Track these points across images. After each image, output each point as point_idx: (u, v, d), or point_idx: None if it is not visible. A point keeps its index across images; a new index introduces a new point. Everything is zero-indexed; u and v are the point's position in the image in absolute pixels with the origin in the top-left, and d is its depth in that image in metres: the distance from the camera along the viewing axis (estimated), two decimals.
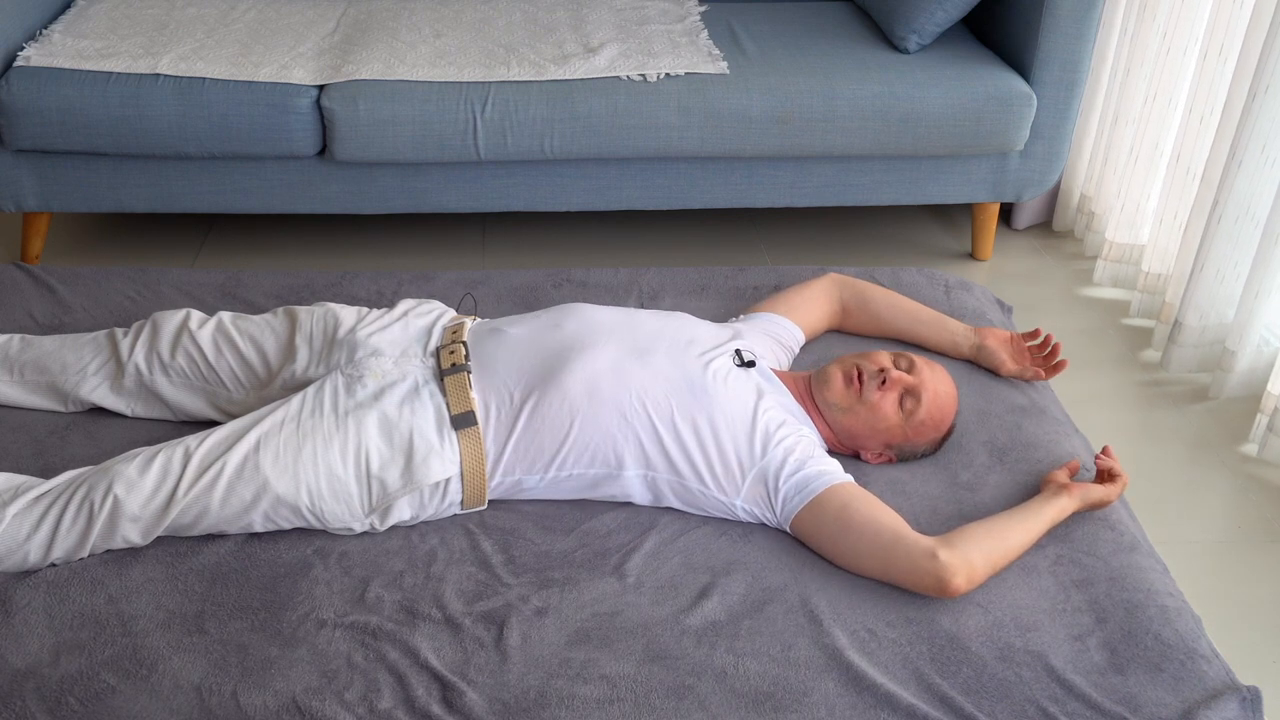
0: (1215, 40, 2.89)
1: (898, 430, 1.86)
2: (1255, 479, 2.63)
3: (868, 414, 1.84)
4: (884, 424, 1.85)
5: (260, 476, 1.67)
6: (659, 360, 1.80)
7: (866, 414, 1.84)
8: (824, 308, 2.16)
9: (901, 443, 1.88)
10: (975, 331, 2.13)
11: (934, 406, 1.85)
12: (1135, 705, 1.51)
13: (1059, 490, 1.78)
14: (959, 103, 3.05)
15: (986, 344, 2.10)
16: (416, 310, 1.95)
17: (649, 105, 2.98)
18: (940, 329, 2.13)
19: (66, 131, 2.90)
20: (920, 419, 1.85)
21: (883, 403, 1.83)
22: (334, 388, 1.77)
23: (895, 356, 1.89)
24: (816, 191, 3.21)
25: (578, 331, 1.84)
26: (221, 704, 1.46)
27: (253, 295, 2.27)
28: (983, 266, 3.42)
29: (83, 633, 1.54)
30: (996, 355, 2.09)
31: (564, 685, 1.50)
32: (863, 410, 1.84)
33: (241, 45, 3.07)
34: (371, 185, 3.08)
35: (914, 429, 1.86)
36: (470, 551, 1.71)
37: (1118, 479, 1.82)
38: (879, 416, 1.84)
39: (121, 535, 1.65)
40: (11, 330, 2.11)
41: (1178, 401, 2.89)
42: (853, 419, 1.85)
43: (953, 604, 1.64)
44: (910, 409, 1.84)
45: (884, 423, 1.84)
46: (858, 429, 1.86)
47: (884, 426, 1.85)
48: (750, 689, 1.50)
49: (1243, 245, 2.81)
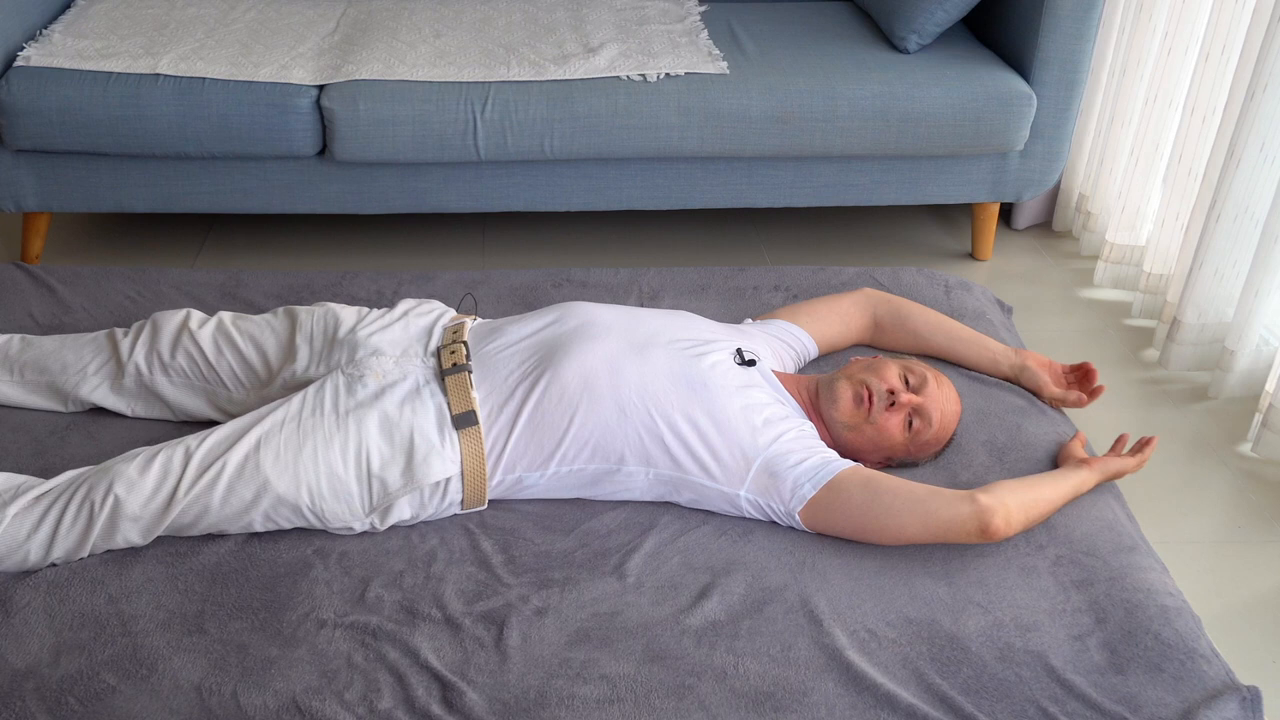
0: (1214, 40, 2.89)
1: (901, 448, 1.86)
2: (1255, 478, 2.63)
3: (873, 433, 1.84)
4: (888, 442, 1.85)
5: (261, 476, 1.67)
6: (658, 356, 1.80)
7: (872, 433, 1.84)
8: (853, 322, 2.13)
9: (902, 457, 1.88)
10: (1016, 353, 2.11)
11: (939, 425, 1.86)
12: (1135, 705, 1.51)
13: (1079, 464, 1.83)
14: (959, 103, 3.05)
15: (1029, 365, 2.09)
16: (417, 310, 1.95)
17: (649, 105, 2.98)
18: (980, 348, 2.12)
19: (66, 131, 2.90)
20: (925, 439, 1.85)
21: (889, 424, 1.83)
22: (334, 387, 1.77)
23: (904, 370, 1.87)
24: (816, 191, 3.21)
25: (578, 329, 1.84)
26: (221, 704, 1.46)
27: (253, 295, 2.27)
28: (983, 266, 3.42)
29: (83, 633, 1.54)
30: (1039, 377, 2.08)
31: (564, 685, 1.50)
32: (869, 429, 1.84)
33: (241, 45, 3.07)
34: (371, 185, 3.08)
35: (918, 446, 1.86)
36: (470, 551, 1.71)
37: (1146, 446, 1.89)
38: (885, 436, 1.84)
39: (122, 535, 1.65)
40: (11, 330, 2.11)
41: (1177, 401, 2.89)
42: (857, 436, 1.85)
43: (952, 604, 1.64)
44: (918, 429, 1.84)
45: (889, 441, 1.84)
46: (861, 444, 1.86)
47: (888, 444, 1.85)
48: (750, 689, 1.51)
49: (1242, 244, 2.81)
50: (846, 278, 2.42)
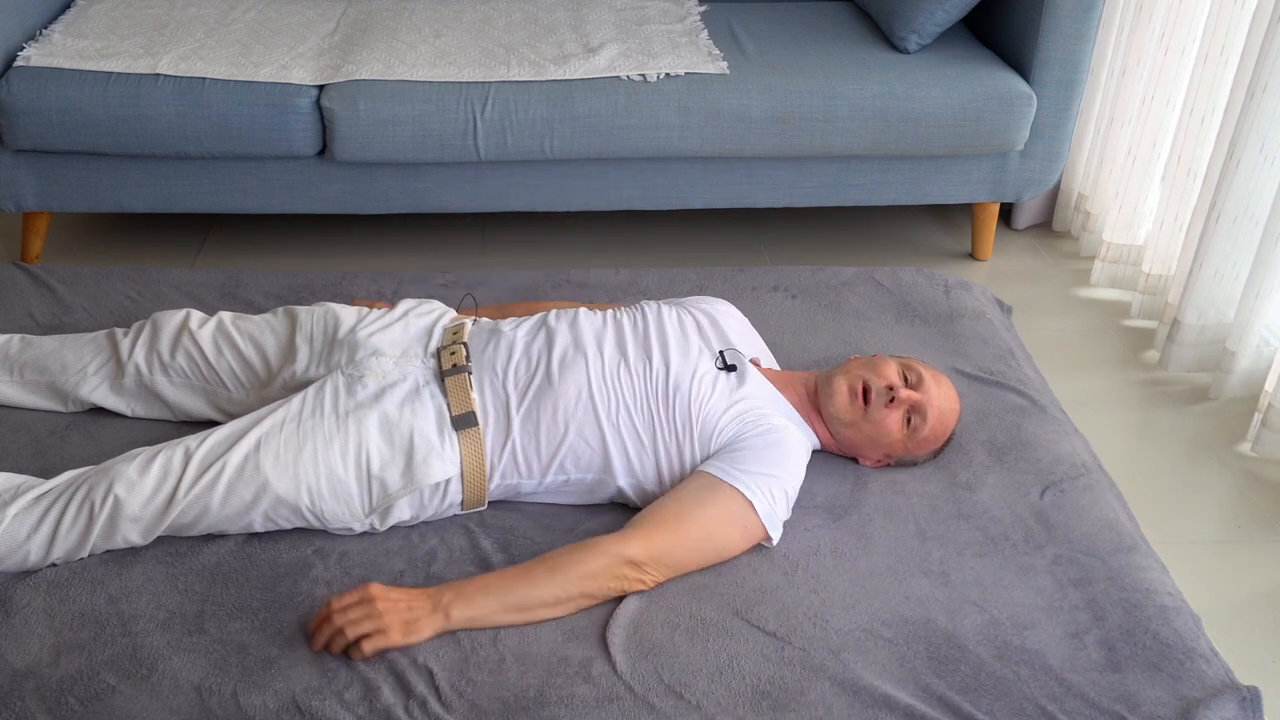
0: (1213, 40, 2.89)
1: (899, 445, 1.86)
2: (1255, 478, 2.63)
3: (872, 429, 1.84)
4: (887, 439, 1.85)
5: (260, 476, 1.67)
6: (642, 367, 1.80)
7: (871, 429, 1.84)
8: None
9: (902, 454, 1.88)
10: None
11: (938, 423, 1.86)
12: (1134, 704, 1.51)
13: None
14: (959, 103, 3.05)
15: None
16: (417, 310, 1.95)
17: (649, 105, 2.98)
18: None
19: (66, 131, 2.90)
20: (923, 435, 1.85)
21: (887, 420, 1.83)
22: (334, 388, 1.77)
23: (903, 368, 1.87)
24: (816, 191, 3.21)
25: (575, 340, 1.83)
26: (221, 704, 1.46)
27: (253, 295, 2.27)
28: (983, 266, 3.42)
29: (83, 633, 1.54)
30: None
31: (563, 684, 1.50)
32: (867, 426, 1.84)
33: (241, 45, 3.08)
34: (371, 185, 3.08)
35: (916, 444, 1.86)
36: (470, 551, 1.71)
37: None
38: (883, 432, 1.84)
39: (122, 535, 1.65)
40: (11, 330, 2.11)
41: (1177, 402, 2.89)
42: (855, 433, 1.85)
43: (949, 603, 1.64)
44: (915, 426, 1.84)
45: (887, 438, 1.84)
46: (860, 441, 1.86)
47: (886, 441, 1.85)
48: (748, 688, 1.51)
49: (1242, 245, 2.81)
50: (846, 278, 2.42)
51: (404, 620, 1.53)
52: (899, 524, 1.79)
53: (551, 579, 1.58)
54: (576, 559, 1.60)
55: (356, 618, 1.52)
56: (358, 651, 1.51)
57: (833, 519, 1.80)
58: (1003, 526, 1.80)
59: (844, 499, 1.84)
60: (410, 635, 1.53)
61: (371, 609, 1.52)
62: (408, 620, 1.53)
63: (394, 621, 1.52)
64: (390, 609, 1.53)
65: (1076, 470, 1.91)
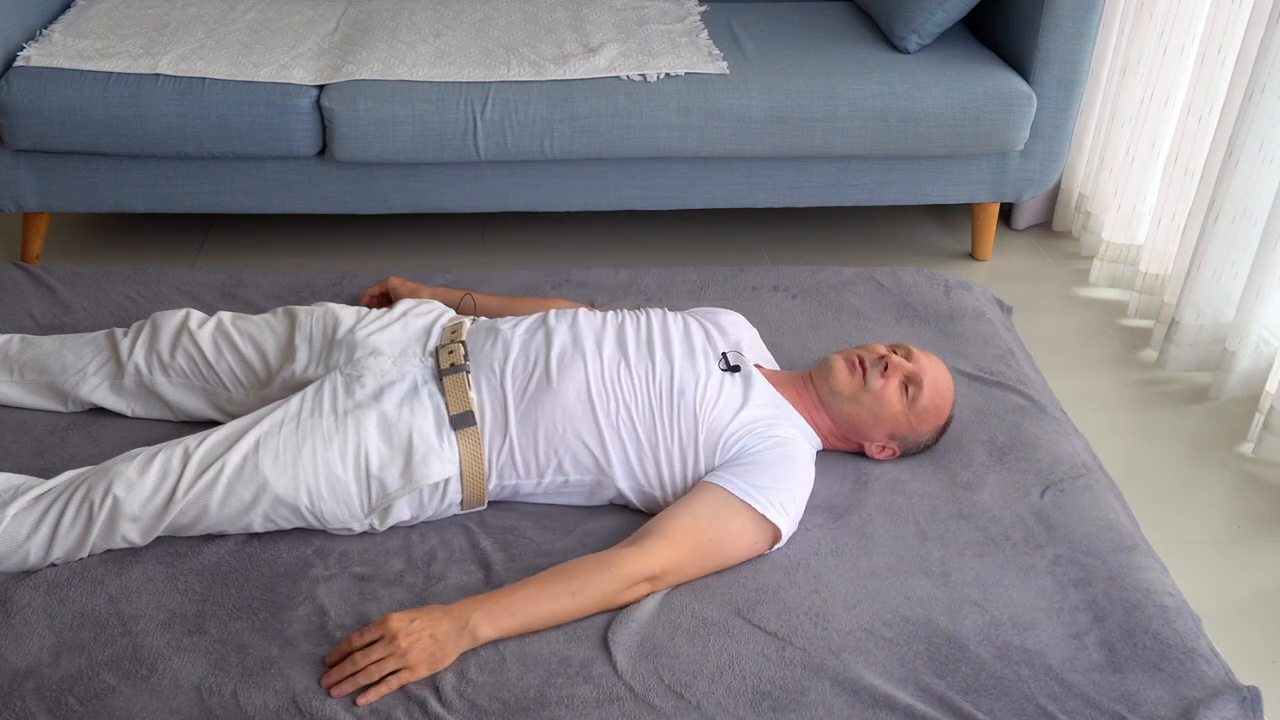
0: (1212, 40, 2.89)
1: (902, 418, 1.86)
2: (1254, 478, 2.63)
3: (873, 401, 1.85)
4: (888, 411, 1.85)
5: (260, 477, 1.67)
6: (644, 369, 1.80)
7: (871, 401, 1.85)
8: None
9: (905, 432, 1.88)
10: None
11: (934, 392, 1.87)
12: (1134, 704, 1.51)
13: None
14: (959, 103, 3.06)
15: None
16: (416, 310, 1.95)
17: (649, 105, 2.98)
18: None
19: (66, 131, 2.90)
20: (923, 405, 1.86)
21: (886, 389, 1.85)
22: (333, 388, 1.77)
23: (891, 346, 1.92)
24: (816, 191, 3.21)
25: (566, 340, 1.83)
26: (221, 704, 1.46)
27: (253, 295, 2.27)
28: (982, 266, 3.42)
29: (83, 633, 1.54)
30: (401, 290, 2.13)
31: (563, 685, 1.50)
32: (868, 398, 1.85)
33: (241, 45, 3.08)
34: (371, 185, 3.08)
35: (917, 416, 1.87)
36: (470, 551, 1.71)
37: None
38: (884, 404, 1.85)
39: (121, 535, 1.65)
40: (11, 330, 2.11)
41: (1177, 401, 2.89)
42: (858, 407, 1.86)
43: (950, 603, 1.64)
44: (913, 395, 1.86)
45: (888, 410, 1.85)
46: (862, 417, 1.87)
47: (888, 414, 1.86)
48: (748, 689, 1.51)
49: (1241, 245, 2.81)
50: (846, 278, 2.42)
51: (430, 654, 1.49)
52: (899, 524, 1.79)
53: (574, 601, 1.58)
54: (597, 582, 1.59)
55: (379, 657, 1.48)
56: (375, 693, 1.47)
57: (833, 519, 1.80)
58: (1003, 526, 1.80)
59: (844, 499, 1.84)
60: (436, 668, 1.50)
61: (395, 646, 1.48)
62: (433, 653, 1.49)
63: (419, 658, 1.49)
64: (414, 644, 1.49)
65: (1077, 470, 1.91)
